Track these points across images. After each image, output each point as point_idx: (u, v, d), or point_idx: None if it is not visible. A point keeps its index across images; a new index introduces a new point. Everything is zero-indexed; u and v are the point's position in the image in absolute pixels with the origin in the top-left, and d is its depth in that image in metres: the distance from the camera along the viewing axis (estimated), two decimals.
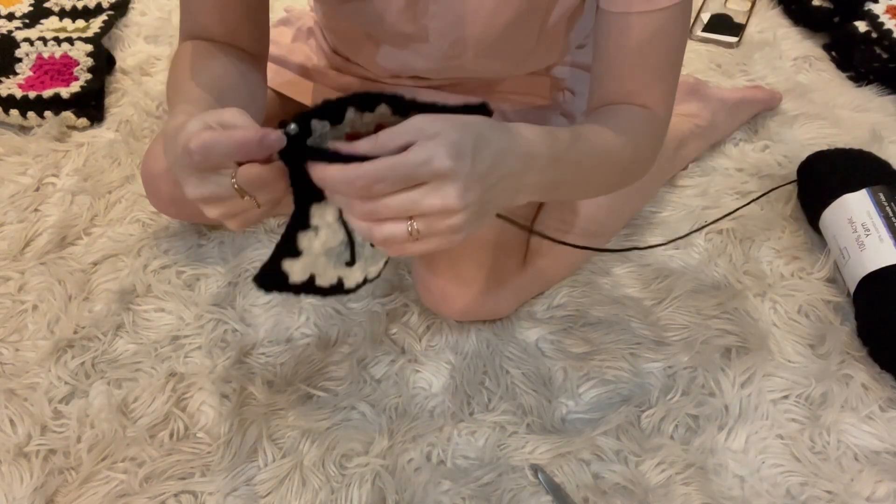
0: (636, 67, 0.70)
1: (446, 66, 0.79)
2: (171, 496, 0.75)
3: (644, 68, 0.70)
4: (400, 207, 0.50)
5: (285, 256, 0.58)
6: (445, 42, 0.75)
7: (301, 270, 0.59)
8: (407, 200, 0.50)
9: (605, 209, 0.94)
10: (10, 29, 1.22)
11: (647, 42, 0.69)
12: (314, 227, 0.57)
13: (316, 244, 0.58)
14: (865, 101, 1.19)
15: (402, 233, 0.51)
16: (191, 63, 0.68)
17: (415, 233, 0.51)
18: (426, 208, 0.50)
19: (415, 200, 0.50)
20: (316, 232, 0.58)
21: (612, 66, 0.70)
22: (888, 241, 0.88)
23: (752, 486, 0.77)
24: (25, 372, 0.85)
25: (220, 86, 0.66)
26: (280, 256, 0.58)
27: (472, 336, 0.88)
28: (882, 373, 0.85)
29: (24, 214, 1.01)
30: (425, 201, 0.50)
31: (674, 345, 0.88)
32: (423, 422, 0.81)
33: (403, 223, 0.50)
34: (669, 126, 1.04)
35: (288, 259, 0.58)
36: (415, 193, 0.50)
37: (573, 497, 0.75)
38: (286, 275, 0.58)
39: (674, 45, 0.71)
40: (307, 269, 0.59)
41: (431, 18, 0.72)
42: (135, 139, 1.11)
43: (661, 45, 0.70)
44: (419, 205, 0.50)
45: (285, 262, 0.58)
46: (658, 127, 0.74)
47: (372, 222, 0.51)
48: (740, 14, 1.35)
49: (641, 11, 0.66)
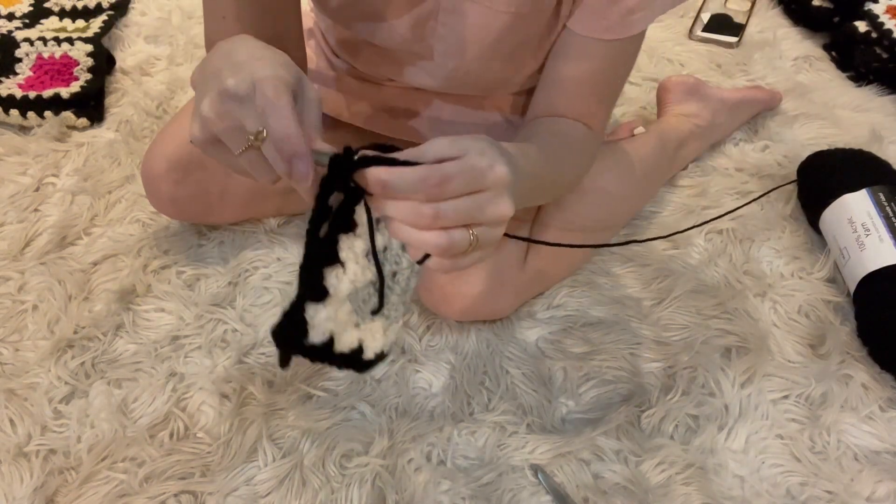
0: (587, 89, 0.73)
1: (447, 82, 0.80)
2: (171, 496, 0.75)
3: (594, 91, 0.73)
4: (467, 212, 0.49)
5: (310, 299, 0.52)
6: (449, 62, 0.75)
7: (323, 323, 0.53)
8: (474, 205, 0.49)
9: (605, 209, 0.94)
10: (10, 29, 1.22)
11: (603, 69, 0.72)
12: (342, 262, 0.53)
13: (344, 283, 0.53)
14: (865, 101, 1.19)
15: (466, 240, 0.49)
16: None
17: (474, 241, 0.50)
18: (489, 215, 0.50)
19: (480, 206, 0.49)
20: (344, 268, 0.53)
21: (564, 84, 0.72)
22: (888, 241, 0.88)
23: (752, 486, 0.77)
24: (25, 372, 0.85)
25: None
26: (304, 298, 0.52)
27: (472, 336, 0.88)
28: (882, 373, 0.85)
29: (24, 214, 1.01)
30: (489, 208, 0.49)
31: (674, 345, 0.88)
32: (423, 422, 0.81)
33: (466, 230, 0.49)
34: (669, 126, 1.05)
35: (312, 304, 0.52)
36: (479, 199, 0.49)
37: (573, 497, 0.75)
38: (307, 326, 0.52)
39: (624, 74, 0.75)
40: (329, 322, 0.53)
41: (438, 40, 0.73)
42: (135, 139, 1.11)
43: (614, 72, 0.74)
44: (484, 211, 0.49)
45: (309, 308, 0.52)
46: (596, 145, 0.77)
47: (437, 230, 0.49)
48: (740, 14, 1.35)
49: (605, 39, 0.69)
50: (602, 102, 0.75)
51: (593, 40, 0.69)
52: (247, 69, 0.49)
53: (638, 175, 0.99)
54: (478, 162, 0.49)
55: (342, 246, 0.52)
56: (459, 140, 0.50)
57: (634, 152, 0.99)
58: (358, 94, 0.91)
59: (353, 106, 0.92)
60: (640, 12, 0.67)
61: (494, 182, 0.49)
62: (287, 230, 0.99)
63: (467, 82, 0.78)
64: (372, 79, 0.89)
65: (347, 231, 0.52)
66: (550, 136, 0.70)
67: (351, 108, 0.92)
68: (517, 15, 0.68)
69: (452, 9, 0.69)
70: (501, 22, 0.69)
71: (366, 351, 0.55)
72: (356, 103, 0.92)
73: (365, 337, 0.55)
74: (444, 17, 0.70)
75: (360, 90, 0.91)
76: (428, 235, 0.49)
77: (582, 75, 0.72)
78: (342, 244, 0.52)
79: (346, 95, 0.92)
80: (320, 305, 0.52)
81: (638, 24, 0.68)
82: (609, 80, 0.74)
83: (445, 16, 0.70)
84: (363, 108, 0.92)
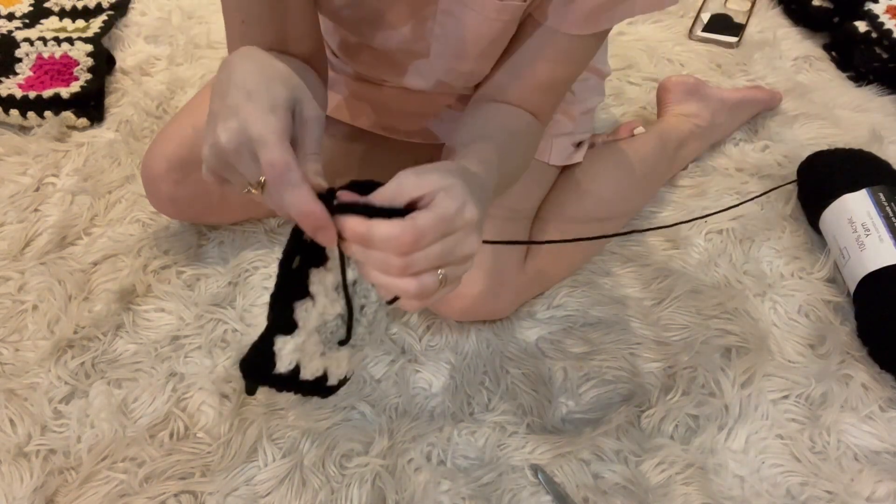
0: (544, 81, 0.73)
1: (438, 84, 0.81)
2: (171, 496, 0.75)
3: (549, 85, 0.73)
4: (438, 258, 0.50)
5: (279, 332, 0.53)
6: (444, 63, 0.76)
7: (290, 353, 0.54)
8: (444, 250, 0.50)
9: (605, 210, 0.95)
10: (10, 29, 1.22)
11: (562, 63, 0.72)
12: (312, 296, 0.54)
13: (313, 316, 0.54)
14: (865, 101, 1.19)
15: (436, 283, 0.51)
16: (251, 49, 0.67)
17: (443, 280, 0.51)
18: (458, 255, 0.51)
19: (450, 249, 0.50)
20: (314, 301, 0.54)
21: (522, 72, 0.72)
22: (888, 241, 0.88)
23: (752, 486, 0.77)
24: (25, 372, 0.85)
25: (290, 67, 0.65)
26: (273, 332, 0.53)
27: (472, 336, 0.88)
28: (882, 373, 0.85)
29: (24, 214, 1.01)
30: (459, 249, 0.50)
31: (674, 345, 0.88)
32: (423, 422, 0.81)
33: (435, 273, 0.51)
34: (669, 126, 1.05)
35: (281, 336, 0.53)
36: (450, 242, 0.50)
37: (573, 497, 0.75)
38: (275, 357, 0.54)
39: (581, 70, 0.75)
40: (296, 353, 0.54)
41: (435, 40, 0.73)
42: (135, 139, 1.11)
43: (573, 67, 0.73)
44: (454, 253, 0.50)
45: (278, 340, 0.53)
46: (539, 136, 0.78)
47: (407, 276, 0.50)
48: (740, 14, 1.35)
49: (571, 34, 0.69)
50: (553, 95, 0.75)
51: (559, 34, 0.68)
52: (240, 117, 0.49)
53: (638, 175, 0.99)
54: (448, 208, 0.49)
55: (313, 280, 0.53)
56: (427, 175, 0.51)
57: (634, 152, 0.99)
58: (358, 95, 0.91)
59: (353, 106, 0.92)
60: (609, 11, 0.67)
61: (464, 224, 0.50)
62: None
63: (458, 82, 0.79)
64: (371, 80, 0.89)
65: (318, 265, 0.53)
66: (505, 135, 0.71)
67: (351, 108, 0.92)
68: (510, 22, 0.69)
69: (449, 11, 0.70)
70: (495, 28, 0.69)
71: (330, 378, 0.56)
72: (356, 104, 0.92)
73: (330, 365, 0.56)
74: (441, 18, 0.71)
75: (360, 91, 0.91)
76: (398, 281, 0.50)
77: (541, 67, 0.71)
78: (313, 278, 0.53)
79: (347, 96, 0.92)
80: (288, 337, 0.53)
81: (605, 22, 0.68)
82: (566, 74, 0.74)
83: (443, 17, 0.70)
84: (363, 108, 0.92)
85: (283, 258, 0.52)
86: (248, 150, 0.49)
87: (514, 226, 0.87)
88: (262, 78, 0.51)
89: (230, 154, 0.49)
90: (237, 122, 0.49)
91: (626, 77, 1.23)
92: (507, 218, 0.86)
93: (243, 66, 0.52)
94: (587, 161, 0.95)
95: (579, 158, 0.94)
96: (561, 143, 0.92)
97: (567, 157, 0.93)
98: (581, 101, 0.93)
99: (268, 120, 0.48)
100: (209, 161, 0.51)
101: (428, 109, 0.90)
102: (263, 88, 0.50)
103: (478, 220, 0.51)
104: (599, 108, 1.15)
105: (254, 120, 0.48)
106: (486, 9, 0.67)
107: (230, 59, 0.54)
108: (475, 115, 0.74)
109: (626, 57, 1.27)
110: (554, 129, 0.91)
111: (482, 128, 0.71)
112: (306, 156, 0.51)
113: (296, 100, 0.51)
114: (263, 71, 0.51)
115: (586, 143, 0.96)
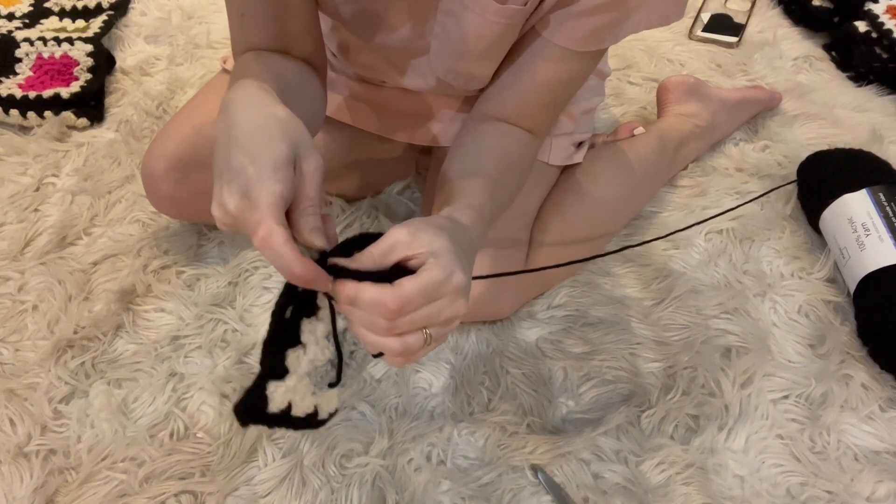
0: (543, 97, 0.73)
1: (438, 84, 0.81)
2: (171, 496, 0.75)
3: (549, 100, 0.74)
4: (424, 321, 0.52)
5: (271, 378, 0.55)
6: (443, 62, 0.76)
7: (282, 396, 0.56)
8: (430, 314, 0.52)
9: (605, 212, 0.95)
10: (10, 29, 1.22)
11: (563, 80, 0.72)
12: (304, 344, 0.56)
13: (304, 363, 0.56)
14: (865, 101, 1.19)
15: (420, 342, 0.53)
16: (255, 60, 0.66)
17: (429, 339, 0.53)
18: (444, 318, 0.52)
19: (436, 314, 0.52)
20: (305, 349, 0.56)
21: (522, 87, 0.73)
22: (888, 241, 0.88)
23: (752, 486, 0.77)
24: (25, 372, 0.85)
25: (286, 78, 0.65)
26: (266, 378, 0.55)
27: (472, 336, 0.88)
28: (882, 373, 0.85)
29: (24, 214, 1.01)
30: (444, 313, 0.52)
31: (674, 345, 0.88)
32: (423, 422, 0.81)
33: (421, 333, 0.52)
34: (670, 126, 1.05)
35: (273, 381, 0.55)
36: (435, 307, 0.52)
37: (573, 497, 0.75)
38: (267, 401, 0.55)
39: (579, 86, 0.76)
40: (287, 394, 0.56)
41: (435, 38, 0.73)
42: (135, 139, 1.11)
43: (573, 83, 0.74)
44: (439, 316, 0.52)
45: (270, 385, 0.55)
46: (536, 151, 0.79)
47: (393, 336, 0.52)
48: (740, 14, 1.35)
49: (574, 50, 0.69)
50: (552, 110, 0.76)
51: (562, 49, 0.69)
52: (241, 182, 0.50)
53: (638, 176, 0.99)
54: (436, 277, 0.51)
55: (304, 329, 0.55)
56: (419, 234, 0.52)
57: (634, 153, 0.99)
58: (358, 95, 0.91)
59: (353, 107, 0.92)
60: (613, 29, 0.67)
61: (451, 290, 0.52)
62: None
63: (457, 83, 0.79)
64: (370, 80, 0.89)
65: (310, 315, 0.55)
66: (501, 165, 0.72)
67: (351, 109, 0.92)
68: (509, 25, 0.69)
69: (449, 11, 0.70)
70: (495, 30, 0.69)
71: (320, 413, 0.58)
72: (356, 105, 0.92)
73: (320, 402, 0.58)
74: (441, 17, 0.71)
75: (360, 92, 0.91)
76: (383, 340, 0.52)
77: (542, 81, 0.72)
78: (304, 328, 0.55)
79: (347, 97, 0.92)
80: (280, 382, 0.55)
81: (609, 40, 0.68)
82: (566, 90, 0.75)
83: (443, 17, 0.70)
84: (363, 109, 0.92)
85: (276, 308, 0.54)
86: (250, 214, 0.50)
87: (515, 225, 0.87)
88: (264, 136, 0.51)
89: (237, 218, 0.51)
90: (239, 187, 0.50)
91: (626, 77, 1.23)
92: (507, 218, 0.86)
93: (245, 117, 0.52)
94: (587, 161, 0.95)
95: (579, 159, 0.94)
96: (561, 143, 0.92)
97: (567, 158, 0.93)
98: (581, 100, 0.93)
99: (267, 185, 0.49)
100: (219, 219, 0.52)
101: (427, 111, 0.90)
102: (265, 148, 0.50)
103: (464, 286, 0.53)
104: (599, 108, 1.15)
105: (255, 185, 0.49)
106: (487, 11, 0.67)
107: (230, 105, 0.54)
108: (472, 139, 0.74)
109: (626, 57, 1.27)
110: (554, 129, 0.91)
111: (477, 158, 0.71)
112: (305, 210, 0.52)
113: (297, 154, 0.52)
114: (265, 126, 0.52)
115: (587, 143, 0.96)
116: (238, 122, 0.52)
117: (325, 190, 0.99)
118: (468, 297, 0.54)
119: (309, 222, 0.52)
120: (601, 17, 0.66)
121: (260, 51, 0.69)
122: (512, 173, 0.73)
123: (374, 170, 1.01)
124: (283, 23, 0.68)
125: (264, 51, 0.69)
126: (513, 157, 0.74)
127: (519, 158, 0.75)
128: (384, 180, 1.03)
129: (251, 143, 0.50)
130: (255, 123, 0.52)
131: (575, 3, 0.65)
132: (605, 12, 0.65)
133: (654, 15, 0.67)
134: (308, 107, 0.69)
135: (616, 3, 0.65)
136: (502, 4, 0.66)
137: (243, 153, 0.50)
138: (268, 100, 0.54)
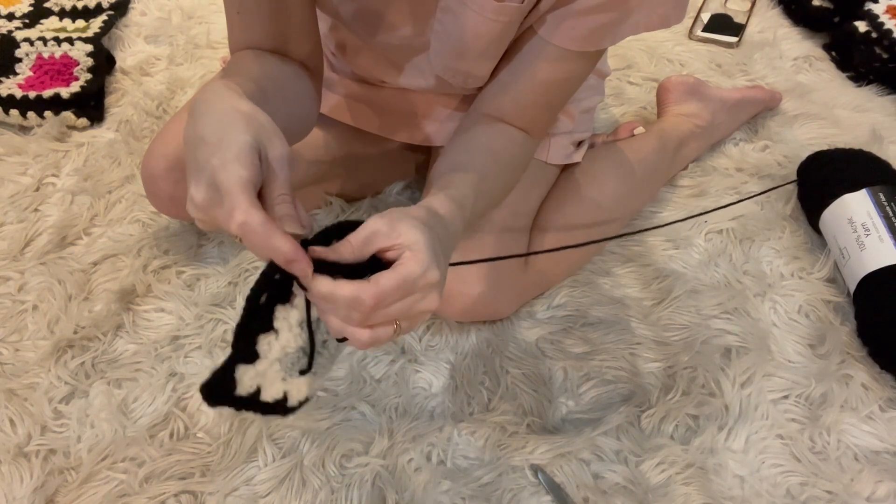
0: (541, 97, 0.73)
1: (438, 82, 0.81)
2: (171, 496, 0.75)
3: (546, 100, 0.74)
4: (397, 314, 0.52)
5: (241, 361, 0.55)
6: (442, 60, 0.76)
7: (251, 380, 0.56)
8: (403, 308, 0.52)
9: (605, 211, 0.95)
10: (10, 29, 1.22)
11: (560, 80, 0.72)
12: (276, 330, 0.56)
13: (275, 349, 0.56)
14: (865, 101, 1.19)
15: (389, 333, 0.53)
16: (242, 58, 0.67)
17: (398, 329, 0.54)
18: (416, 312, 0.53)
19: (410, 307, 0.52)
20: (277, 335, 0.56)
21: (519, 87, 0.73)
22: (888, 241, 0.88)
23: (752, 486, 0.77)
24: (25, 372, 0.85)
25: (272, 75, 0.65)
26: (235, 361, 0.55)
27: (472, 336, 0.88)
28: (882, 373, 0.85)
29: (24, 214, 1.01)
30: (417, 307, 0.53)
31: (674, 345, 0.88)
32: (423, 422, 0.81)
33: (392, 324, 0.53)
34: (670, 126, 1.05)
35: (243, 365, 0.56)
36: (409, 301, 0.52)
37: (573, 497, 0.75)
38: (235, 383, 0.56)
39: (577, 86, 0.75)
40: (257, 378, 0.56)
41: (435, 36, 0.73)
42: (135, 139, 1.11)
43: (571, 83, 0.74)
44: (412, 310, 0.53)
45: (239, 368, 0.56)
46: (532, 151, 0.79)
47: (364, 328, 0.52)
48: (740, 14, 1.35)
49: (573, 50, 0.69)
50: (549, 110, 0.76)
51: (560, 49, 0.69)
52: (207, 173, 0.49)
53: (638, 176, 0.99)
54: (412, 272, 0.51)
55: (278, 315, 0.55)
56: (397, 226, 0.52)
57: (634, 153, 0.99)
58: (357, 95, 0.91)
59: (352, 107, 0.92)
60: (612, 30, 0.67)
61: (425, 285, 0.52)
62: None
63: (456, 81, 0.79)
64: (370, 80, 0.89)
65: (285, 302, 0.55)
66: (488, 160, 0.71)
67: (351, 109, 0.92)
68: (509, 24, 0.69)
69: (449, 9, 0.70)
70: (494, 29, 0.69)
71: (290, 400, 0.58)
72: (355, 104, 0.92)
73: (290, 389, 0.58)
74: (441, 15, 0.71)
75: (359, 92, 0.91)
76: (352, 330, 0.52)
77: (540, 81, 0.72)
78: (278, 314, 0.55)
79: (346, 97, 0.92)
80: (250, 366, 0.55)
81: (608, 41, 0.68)
82: (563, 90, 0.74)
83: (443, 14, 0.70)
84: (362, 109, 0.92)
85: (251, 294, 0.54)
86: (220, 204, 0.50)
87: (515, 224, 0.87)
88: (223, 127, 0.51)
89: (208, 211, 0.50)
90: (206, 179, 0.50)
91: (626, 77, 1.23)
92: (506, 217, 0.86)
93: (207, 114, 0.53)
94: (587, 161, 0.95)
95: (578, 158, 0.94)
96: (560, 142, 0.92)
97: (566, 157, 0.93)
98: (580, 100, 0.93)
99: (233, 170, 0.49)
100: (195, 216, 0.52)
101: (427, 111, 0.90)
102: (226, 138, 0.50)
103: (438, 280, 0.53)
104: (599, 108, 1.15)
105: (220, 173, 0.49)
106: (485, 9, 0.67)
107: (195, 106, 0.54)
108: (464, 137, 0.74)
109: (626, 57, 1.27)
110: (553, 128, 0.91)
111: (466, 153, 0.71)
112: (276, 198, 0.52)
113: (260, 143, 0.51)
114: (226, 119, 0.52)
115: (586, 142, 0.96)
116: (201, 121, 0.52)
117: (325, 190, 1.00)
118: (442, 292, 0.55)
119: (281, 210, 0.51)
120: (600, 17, 0.66)
121: (254, 50, 0.69)
122: (502, 170, 0.73)
123: (374, 170, 1.01)
124: (279, 22, 0.68)
125: (259, 50, 0.69)
126: (503, 155, 0.73)
127: (511, 156, 0.74)
128: (384, 180, 1.03)
129: (213, 136, 0.50)
130: (216, 118, 0.52)
131: (573, 2, 0.65)
132: (603, 12, 0.65)
133: (653, 16, 0.67)
134: (294, 107, 0.69)
135: (615, 3, 0.65)
136: (500, 2, 0.66)
137: (206, 147, 0.50)
138: (231, 96, 0.54)
